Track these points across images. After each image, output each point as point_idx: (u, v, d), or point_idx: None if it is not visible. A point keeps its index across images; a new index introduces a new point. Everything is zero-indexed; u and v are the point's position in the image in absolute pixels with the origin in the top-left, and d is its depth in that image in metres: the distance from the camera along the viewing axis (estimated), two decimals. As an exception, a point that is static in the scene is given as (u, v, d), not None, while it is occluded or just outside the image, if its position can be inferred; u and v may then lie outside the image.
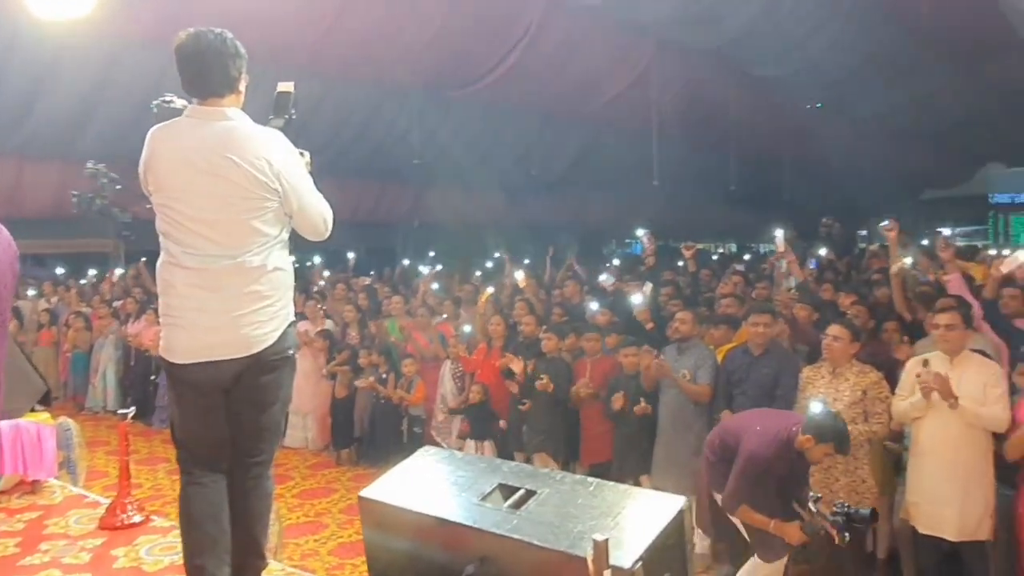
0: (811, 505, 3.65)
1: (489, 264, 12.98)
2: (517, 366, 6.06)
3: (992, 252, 10.20)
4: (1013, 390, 4.27)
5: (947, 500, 4.09)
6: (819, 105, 13.32)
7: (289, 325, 2.66)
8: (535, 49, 10.56)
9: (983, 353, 4.49)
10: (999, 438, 4.11)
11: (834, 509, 3.57)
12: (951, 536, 4.12)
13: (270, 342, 2.56)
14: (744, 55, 11.51)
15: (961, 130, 16.59)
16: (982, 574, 4.16)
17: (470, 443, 6.49)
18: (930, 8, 9.92)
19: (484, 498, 2.69)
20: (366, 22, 9.12)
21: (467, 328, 7.14)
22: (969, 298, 5.25)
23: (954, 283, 5.51)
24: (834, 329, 4.58)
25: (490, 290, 7.52)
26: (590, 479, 2.80)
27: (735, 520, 4.07)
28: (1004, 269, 5.16)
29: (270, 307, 2.56)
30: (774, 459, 3.86)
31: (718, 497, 4.11)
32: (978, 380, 4.12)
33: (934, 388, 4.07)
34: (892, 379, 4.60)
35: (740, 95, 12.90)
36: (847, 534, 3.49)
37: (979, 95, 14.48)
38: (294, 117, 2.76)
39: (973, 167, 23.44)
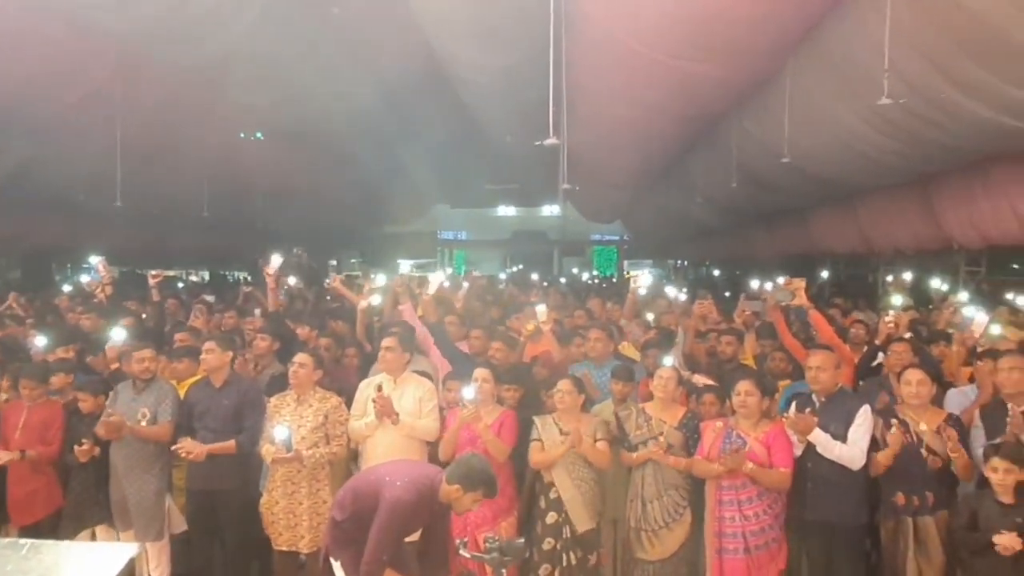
0: (461, 551, 3.46)
1: None
2: None
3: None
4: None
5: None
6: (258, 136, 13.73)
7: None
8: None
9: (425, 373, 5.17)
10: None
11: (486, 546, 3.33)
12: None
13: None
14: (220, 80, 11.39)
15: (414, 175, 18.80)
16: None
17: None
18: (378, 67, 11.11)
19: None
20: None
21: None
22: (417, 324, 5.96)
23: (407, 312, 6.17)
24: (300, 357, 4.78)
25: None
26: (23, 540, 2.44)
27: None
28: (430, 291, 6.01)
29: None
30: (418, 506, 3.57)
31: (336, 566, 3.71)
32: (415, 396, 4.77)
33: (382, 410, 4.58)
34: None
35: (213, 118, 12.70)
36: (504, 570, 3.30)
37: (428, 145, 16.65)
38: None
39: (425, 207, 26.82)
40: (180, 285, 14.90)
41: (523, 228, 32.98)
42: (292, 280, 9.74)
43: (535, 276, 16.65)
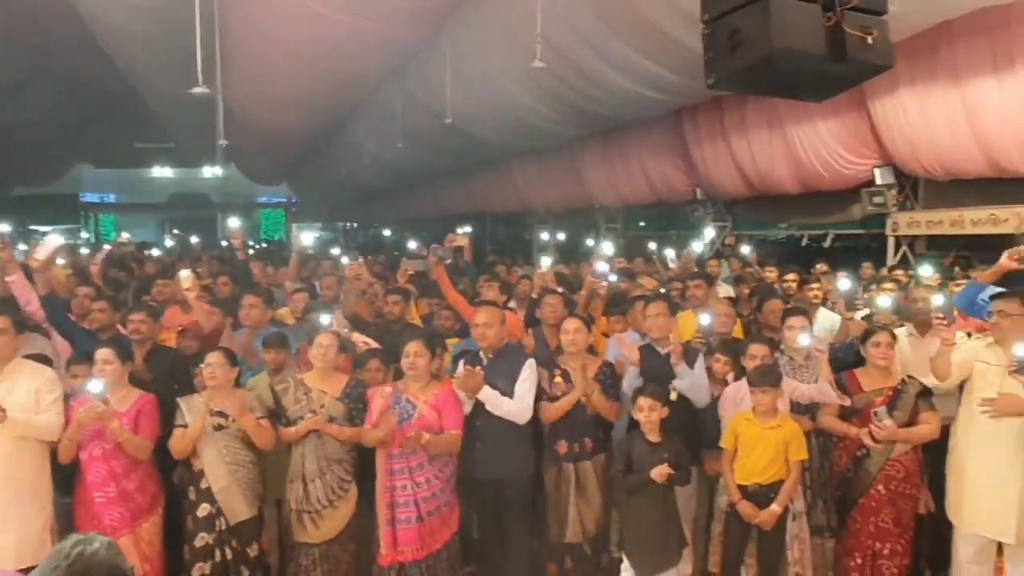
0: None
1: None
2: None
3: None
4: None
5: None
6: None
7: None
8: None
9: (44, 357, 4.33)
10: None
11: None
12: None
13: None
14: None
15: (47, 129, 16.24)
16: None
17: None
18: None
19: None
20: None
21: None
22: (33, 299, 4.99)
23: (17, 284, 5.15)
24: None
25: None
26: None
27: None
28: (40, 256, 4.95)
29: None
30: None
31: None
32: (30, 388, 3.88)
33: None
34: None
35: None
36: None
37: (63, 95, 14.41)
38: None
39: (63, 166, 23.46)
40: None
41: (182, 190, 30.49)
42: None
43: (195, 240, 15.28)
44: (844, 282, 6.08)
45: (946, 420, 4.21)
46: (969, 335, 4.68)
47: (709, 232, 7.89)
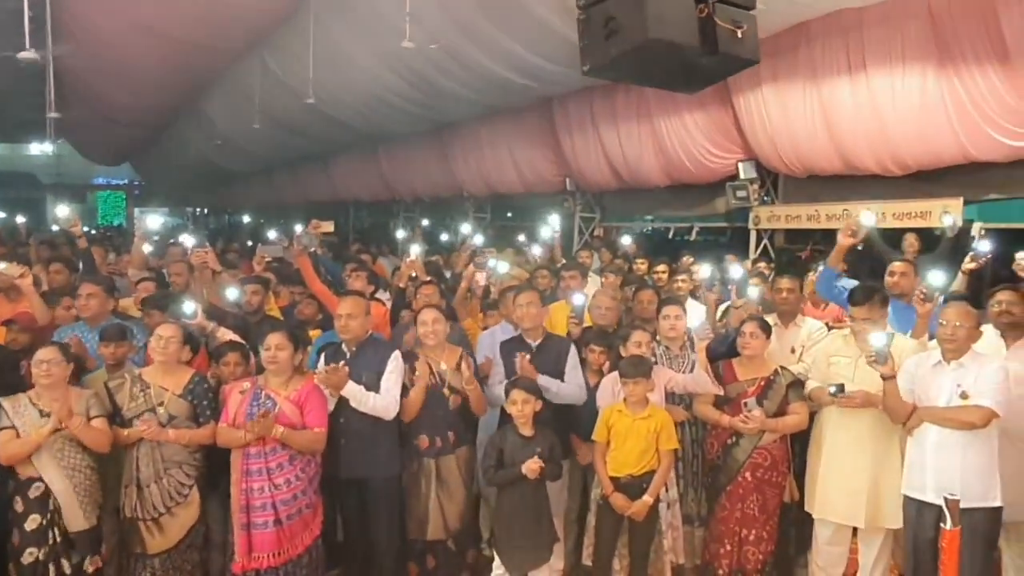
0: None
1: None
2: None
3: None
4: None
5: None
6: None
7: None
8: None
9: None
10: None
11: None
12: None
13: None
14: None
15: None
16: None
17: None
18: None
19: None
20: None
21: None
22: None
23: None
24: None
25: None
26: None
27: None
28: None
29: None
30: None
31: None
32: None
33: None
34: None
35: None
36: None
37: None
38: None
39: None
40: None
41: (4, 168, 28.03)
42: None
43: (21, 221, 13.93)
44: (705, 270, 6.25)
45: (814, 410, 4.32)
46: (829, 327, 4.87)
47: (554, 219, 7.89)
